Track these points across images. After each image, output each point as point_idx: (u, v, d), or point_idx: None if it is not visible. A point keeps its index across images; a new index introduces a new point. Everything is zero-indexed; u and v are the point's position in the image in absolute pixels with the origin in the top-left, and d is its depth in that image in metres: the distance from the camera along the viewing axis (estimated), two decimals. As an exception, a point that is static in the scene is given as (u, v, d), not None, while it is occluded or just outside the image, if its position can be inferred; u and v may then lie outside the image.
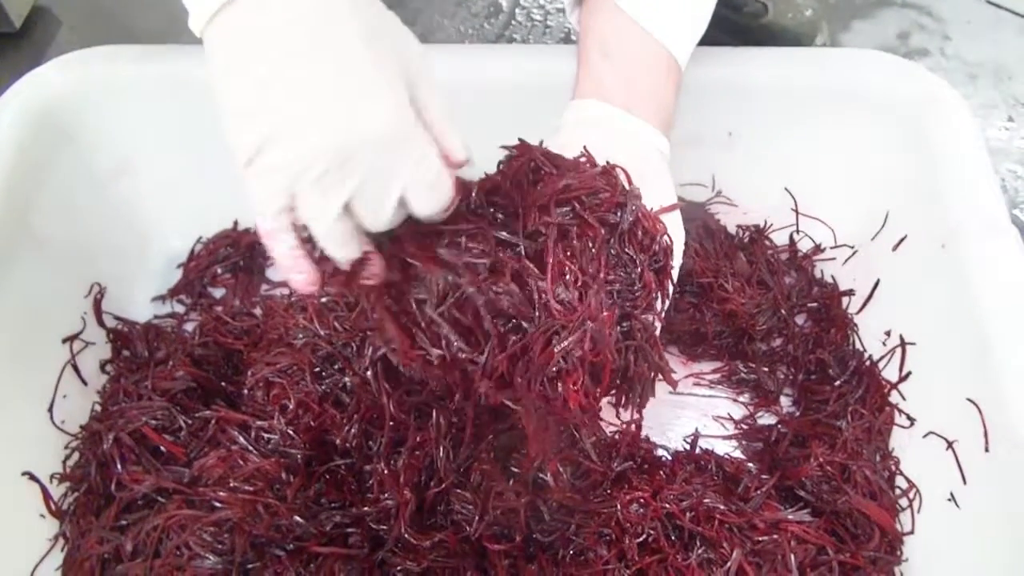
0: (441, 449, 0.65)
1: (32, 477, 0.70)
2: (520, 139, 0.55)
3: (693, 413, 0.80)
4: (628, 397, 0.55)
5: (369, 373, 0.66)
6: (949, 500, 0.67)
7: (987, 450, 0.63)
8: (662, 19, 0.62)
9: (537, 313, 0.49)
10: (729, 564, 0.63)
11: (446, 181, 0.47)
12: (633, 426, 0.71)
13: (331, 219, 0.45)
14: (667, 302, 0.55)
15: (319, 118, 0.42)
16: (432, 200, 0.47)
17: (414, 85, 0.45)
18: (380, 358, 0.65)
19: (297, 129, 0.43)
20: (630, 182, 0.55)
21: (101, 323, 0.82)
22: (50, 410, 0.74)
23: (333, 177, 0.43)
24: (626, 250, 0.53)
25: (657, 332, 0.55)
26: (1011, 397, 0.62)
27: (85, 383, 0.78)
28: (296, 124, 0.43)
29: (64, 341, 0.78)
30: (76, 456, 0.74)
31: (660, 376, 0.56)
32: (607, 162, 0.55)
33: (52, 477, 0.72)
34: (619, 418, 0.62)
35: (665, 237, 0.55)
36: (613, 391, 0.54)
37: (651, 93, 0.63)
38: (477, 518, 0.65)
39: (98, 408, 0.78)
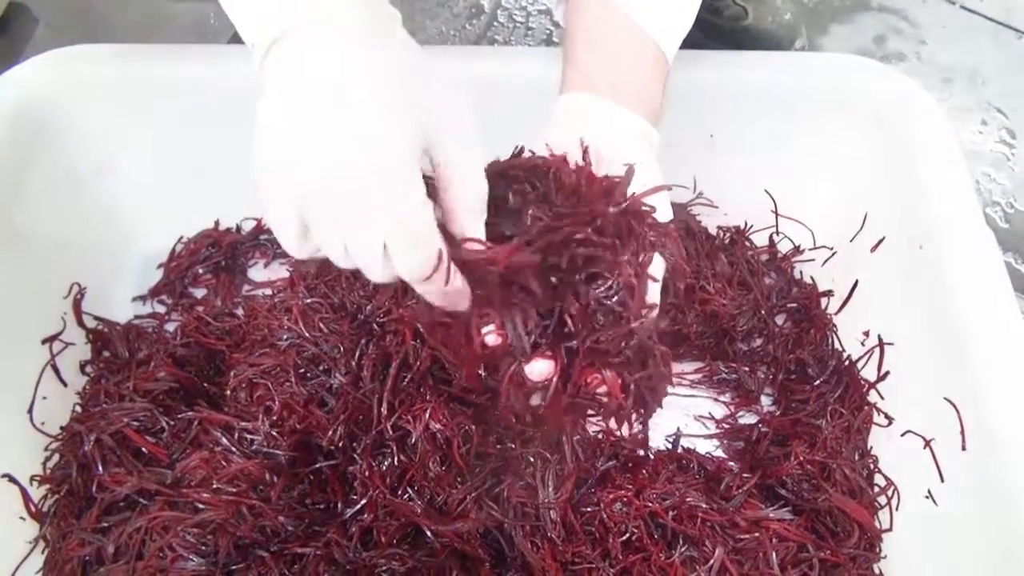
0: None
1: (11, 479, 0.69)
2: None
3: (675, 413, 0.80)
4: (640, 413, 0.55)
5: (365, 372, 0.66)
6: (927, 497, 0.68)
7: (964, 448, 0.65)
8: (649, 11, 0.62)
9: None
10: (712, 562, 0.64)
11: (432, 243, 0.45)
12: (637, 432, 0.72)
13: (337, 255, 0.46)
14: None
15: (312, 158, 0.43)
16: (412, 259, 0.45)
17: (435, 142, 0.45)
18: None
19: (293, 165, 0.44)
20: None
21: (81, 323, 0.81)
22: (29, 411, 0.73)
23: (324, 216, 0.44)
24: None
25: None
26: (987, 396, 0.63)
27: (65, 384, 0.77)
28: (294, 160, 0.44)
29: (44, 342, 0.77)
30: (56, 458, 0.73)
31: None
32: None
33: (32, 479, 0.71)
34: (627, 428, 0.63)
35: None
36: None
37: (639, 85, 0.62)
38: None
39: (78, 409, 0.77)
